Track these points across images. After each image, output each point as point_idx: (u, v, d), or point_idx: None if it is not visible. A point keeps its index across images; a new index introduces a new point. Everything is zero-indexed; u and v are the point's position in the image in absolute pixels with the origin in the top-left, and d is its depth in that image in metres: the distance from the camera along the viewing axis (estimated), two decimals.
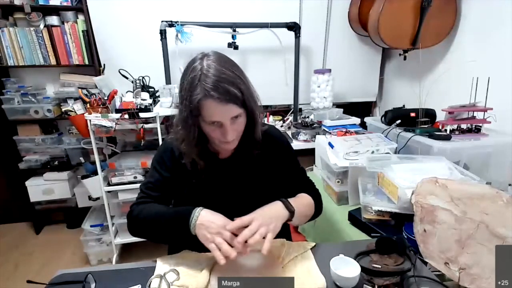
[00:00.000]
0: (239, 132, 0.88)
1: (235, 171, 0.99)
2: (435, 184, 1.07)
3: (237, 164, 0.99)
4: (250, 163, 0.99)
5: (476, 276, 0.86)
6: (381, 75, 2.76)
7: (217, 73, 0.78)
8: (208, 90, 0.77)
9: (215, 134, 0.85)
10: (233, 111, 0.81)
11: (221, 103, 0.78)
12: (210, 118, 0.81)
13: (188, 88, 0.80)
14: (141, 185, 0.99)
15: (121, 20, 2.21)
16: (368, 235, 1.27)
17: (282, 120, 2.52)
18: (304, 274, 0.83)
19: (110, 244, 2.11)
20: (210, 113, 0.80)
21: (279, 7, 2.38)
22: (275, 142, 1.03)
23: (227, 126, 0.82)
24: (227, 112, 0.81)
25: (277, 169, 1.02)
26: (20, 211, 2.62)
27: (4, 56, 2.18)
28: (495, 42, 1.70)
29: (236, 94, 0.79)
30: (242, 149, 0.97)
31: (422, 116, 1.73)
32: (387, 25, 1.93)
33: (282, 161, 1.04)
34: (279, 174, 1.03)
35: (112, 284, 0.82)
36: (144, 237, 0.94)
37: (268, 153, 1.01)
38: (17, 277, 2.07)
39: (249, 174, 0.99)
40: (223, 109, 0.80)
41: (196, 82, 0.78)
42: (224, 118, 0.81)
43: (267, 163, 1.01)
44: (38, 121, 2.35)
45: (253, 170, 0.99)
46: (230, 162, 0.99)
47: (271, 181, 1.01)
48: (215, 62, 0.80)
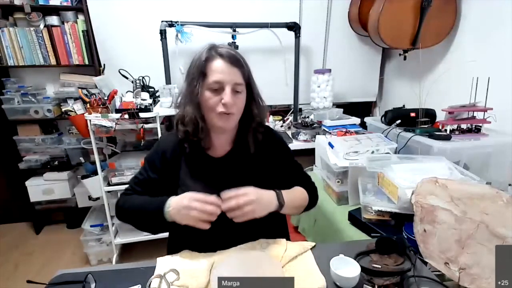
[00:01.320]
0: (238, 107, 0.89)
1: (230, 170, 0.98)
2: (435, 184, 1.07)
3: (231, 163, 0.98)
4: (245, 162, 0.98)
5: (476, 276, 0.86)
6: (381, 75, 2.76)
7: (226, 46, 0.88)
8: (218, 52, 0.86)
9: (214, 101, 0.86)
10: (237, 77, 0.86)
11: (228, 63, 0.85)
12: (215, 76, 0.84)
13: (198, 55, 0.88)
14: (132, 177, 1.03)
15: (121, 20, 2.21)
16: (368, 235, 1.27)
17: (282, 120, 2.52)
18: (304, 274, 0.83)
19: (110, 244, 2.11)
20: (216, 71, 0.84)
21: (279, 7, 2.38)
22: (269, 140, 1.03)
23: (228, 89, 0.85)
24: (232, 75, 0.85)
25: (273, 167, 1.02)
26: (20, 211, 2.62)
27: (4, 56, 2.18)
28: (495, 42, 1.70)
29: (242, 62, 0.87)
30: (239, 145, 0.98)
31: (422, 116, 1.73)
32: (387, 25, 1.93)
33: (278, 158, 1.04)
34: (275, 172, 1.03)
35: (112, 284, 0.82)
36: (131, 224, 0.98)
37: (263, 152, 1.01)
38: (17, 277, 2.07)
39: (244, 173, 0.99)
40: (229, 70, 0.85)
41: (206, 49, 0.87)
42: (227, 79, 0.85)
43: (262, 161, 1.00)
44: (38, 121, 2.34)
45: (247, 169, 0.99)
46: (225, 161, 0.99)
47: (265, 180, 1.00)
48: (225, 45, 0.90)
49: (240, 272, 0.83)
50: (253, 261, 0.86)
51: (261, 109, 0.96)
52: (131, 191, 1.00)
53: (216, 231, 0.94)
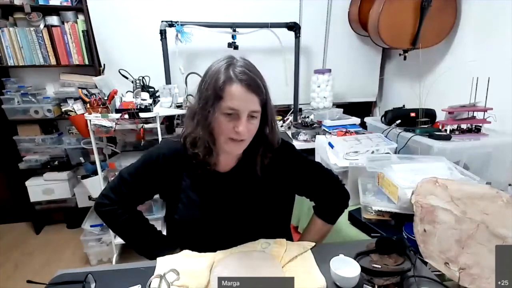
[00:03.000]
0: (250, 133, 0.84)
1: (233, 186, 0.94)
2: (435, 184, 1.07)
3: (236, 179, 0.94)
4: (250, 178, 0.94)
5: (476, 276, 0.86)
6: (381, 75, 2.76)
7: (245, 65, 0.82)
8: (236, 75, 0.79)
9: (227, 126, 0.81)
10: (254, 104, 0.81)
11: (246, 90, 0.79)
12: (231, 103, 0.78)
13: (214, 73, 0.81)
14: (123, 170, 0.97)
15: (121, 20, 2.21)
16: (368, 235, 1.27)
17: (282, 120, 2.52)
18: (304, 274, 0.83)
19: (110, 244, 2.11)
20: (233, 97, 0.78)
21: (279, 7, 2.38)
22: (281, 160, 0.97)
23: (243, 117, 0.80)
24: (249, 102, 0.80)
25: (283, 185, 0.98)
26: (20, 211, 2.61)
27: (4, 56, 2.18)
28: (495, 42, 1.70)
29: (261, 87, 0.81)
30: (244, 163, 0.94)
31: (422, 116, 1.73)
32: (387, 25, 1.93)
33: (296, 173, 0.99)
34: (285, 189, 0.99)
35: (112, 284, 0.82)
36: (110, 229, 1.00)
37: (271, 172, 0.95)
38: (17, 277, 2.07)
39: (247, 189, 0.94)
40: (246, 97, 0.79)
41: (224, 69, 0.80)
42: (244, 107, 0.79)
43: (269, 181, 0.95)
44: (38, 121, 2.34)
45: (251, 186, 0.94)
46: (229, 177, 0.95)
47: (273, 197, 0.96)
48: (242, 59, 0.85)
49: (240, 272, 0.83)
50: (253, 261, 0.86)
51: (273, 133, 0.91)
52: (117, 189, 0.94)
53: (216, 231, 0.95)
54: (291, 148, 1.01)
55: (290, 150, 1.00)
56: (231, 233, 0.93)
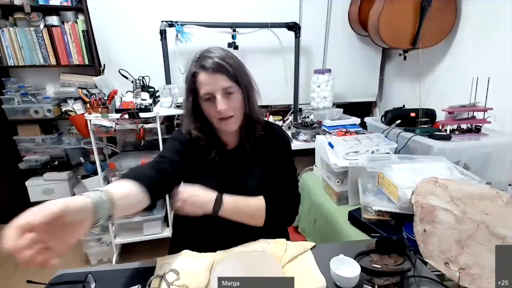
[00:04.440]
0: (235, 108, 0.91)
1: (240, 161, 1.02)
2: (435, 184, 1.07)
3: (241, 154, 1.02)
4: (248, 155, 1.02)
5: (476, 276, 0.86)
6: (381, 75, 2.76)
7: (210, 51, 0.90)
8: (201, 65, 0.88)
9: (211, 109, 0.90)
10: (223, 82, 0.88)
11: (212, 73, 0.87)
12: (203, 89, 0.88)
13: (188, 71, 0.92)
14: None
15: (121, 20, 2.21)
16: (368, 235, 1.27)
17: (282, 120, 2.52)
18: (304, 274, 0.83)
19: (110, 244, 2.11)
20: (202, 84, 0.88)
21: (279, 7, 2.38)
22: (275, 136, 1.06)
23: (218, 97, 0.87)
24: (217, 82, 0.87)
25: (270, 162, 1.03)
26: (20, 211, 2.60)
27: (4, 56, 2.18)
28: (495, 42, 1.70)
29: (225, 66, 0.87)
30: (242, 142, 1.01)
31: (422, 116, 1.73)
32: (387, 25, 1.93)
33: (276, 156, 1.04)
34: (270, 167, 1.03)
35: (112, 284, 0.82)
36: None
37: (268, 145, 1.04)
38: (17, 277, 2.07)
39: (248, 165, 1.02)
40: (213, 79, 0.87)
41: (193, 66, 0.91)
42: (214, 88, 0.87)
43: (261, 156, 1.03)
44: (38, 121, 2.34)
45: (250, 162, 1.02)
46: (236, 152, 1.03)
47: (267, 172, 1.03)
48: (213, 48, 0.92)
49: (240, 272, 0.83)
50: (253, 261, 0.87)
51: (251, 107, 0.96)
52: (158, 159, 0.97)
53: (216, 231, 0.95)
54: (286, 139, 1.09)
55: (285, 140, 1.08)
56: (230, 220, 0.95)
